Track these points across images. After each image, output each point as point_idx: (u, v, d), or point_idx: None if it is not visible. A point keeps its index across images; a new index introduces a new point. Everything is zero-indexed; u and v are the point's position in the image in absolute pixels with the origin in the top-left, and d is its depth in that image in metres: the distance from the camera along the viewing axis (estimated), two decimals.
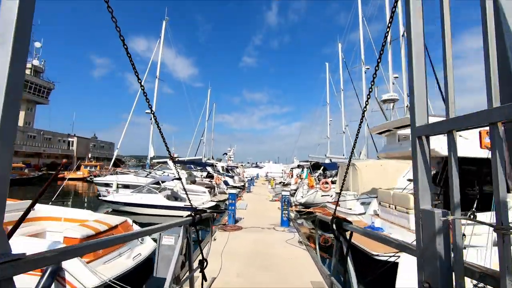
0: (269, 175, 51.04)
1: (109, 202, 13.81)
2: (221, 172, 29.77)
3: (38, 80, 49.75)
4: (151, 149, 23.32)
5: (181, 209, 13.16)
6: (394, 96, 8.46)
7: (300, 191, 18.74)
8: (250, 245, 7.08)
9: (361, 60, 29.48)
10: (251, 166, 68.65)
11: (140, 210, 13.30)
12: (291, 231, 8.75)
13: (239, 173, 41.24)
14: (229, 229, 8.56)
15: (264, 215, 11.90)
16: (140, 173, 18.52)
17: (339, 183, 14.30)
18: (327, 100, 41.15)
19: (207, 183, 19.31)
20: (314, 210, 13.72)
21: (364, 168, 12.19)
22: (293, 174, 34.17)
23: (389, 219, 8.73)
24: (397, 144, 8.77)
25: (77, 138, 53.69)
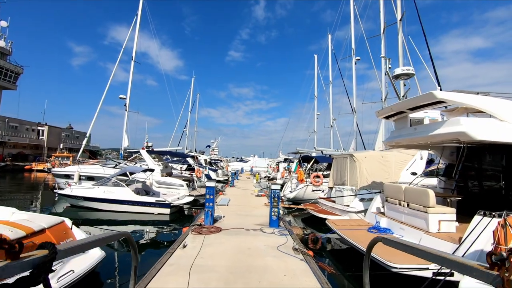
0: (254, 170, 49.48)
1: (65, 196, 11.67)
2: (203, 165, 27.82)
3: (5, 63, 45.46)
4: (125, 138, 21.06)
5: (152, 205, 11.27)
6: (410, 70, 6.93)
7: (288, 185, 17.21)
8: (231, 254, 5.37)
9: (352, 49, 28.29)
10: (236, 160, 66.84)
11: (103, 206, 11.28)
12: (282, 234, 7.11)
13: (222, 166, 39.41)
14: (205, 232, 6.81)
15: (249, 213, 10.22)
16: (107, 164, 16.35)
17: (333, 177, 12.83)
18: (315, 93, 39.96)
19: (185, 176, 17.40)
20: (305, 206, 12.19)
21: (363, 160, 10.74)
22: (279, 168, 32.79)
23: (399, 219, 7.28)
24: (410, 129, 7.28)
25: (48, 127, 49.73)
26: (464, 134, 5.53)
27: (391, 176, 10.66)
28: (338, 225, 7.99)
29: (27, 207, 13.66)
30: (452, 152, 8.53)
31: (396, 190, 7.54)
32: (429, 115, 7.52)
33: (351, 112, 27.41)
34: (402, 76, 7.17)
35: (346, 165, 11.53)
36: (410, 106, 6.84)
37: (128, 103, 21.41)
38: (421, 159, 10.89)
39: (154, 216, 11.23)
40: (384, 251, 5.82)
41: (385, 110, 7.91)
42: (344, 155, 11.92)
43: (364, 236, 6.97)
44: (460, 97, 5.75)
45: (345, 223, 8.35)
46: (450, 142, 7.89)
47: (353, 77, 27.50)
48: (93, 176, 14.38)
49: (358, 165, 10.74)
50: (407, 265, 5.08)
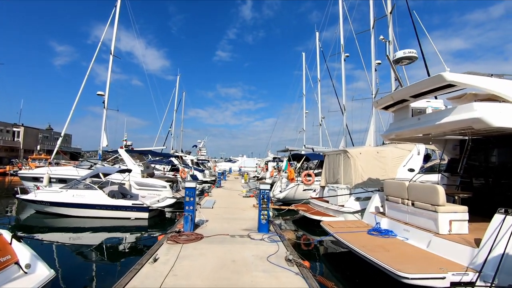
0: (242, 170, 48.55)
1: (28, 201, 10.39)
2: (189, 165, 26.66)
3: None
4: (104, 138, 19.66)
5: (129, 209, 10.17)
6: (413, 53, 6.21)
7: (278, 185, 16.39)
8: (212, 269, 4.43)
9: (341, 45, 27.79)
10: (225, 160, 65.79)
11: (72, 211, 10.07)
12: (272, 240, 6.23)
13: (210, 167, 38.27)
14: (183, 240, 5.84)
15: (236, 216, 9.30)
16: (82, 165, 15.04)
17: (325, 175, 12.07)
18: (303, 91, 39.45)
19: (168, 177, 16.26)
20: (296, 207, 11.37)
21: (358, 156, 10.01)
22: (268, 168, 31.99)
23: (402, 219, 6.53)
24: (413, 119, 6.55)
25: (24, 128, 47.14)
26: (479, 121, 4.80)
27: (388, 173, 9.99)
28: (335, 228, 7.19)
29: None
30: (455, 145, 7.89)
31: (398, 187, 6.80)
32: (432, 104, 6.80)
33: (340, 110, 26.97)
34: (404, 60, 6.45)
35: (339, 162, 10.78)
36: (414, 93, 6.08)
37: (106, 100, 20.02)
38: (418, 154, 10.27)
39: (131, 222, 10.13)
40: (391, 256, 5.05)
41: (384, 99, 7.16)
42: (337, 152, 11.18)
43: (364, 240, 6.20)
44: (474, 79, 5.02)
45: (342, 225, 7.56)
46: (455, 134, 7.24)
47: (342, 75, 26.94)
48: (65, 179, 13.09)
49: (353, 161, 10.00)
50: (421, 274, 4.30)
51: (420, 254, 5.22)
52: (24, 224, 10.27)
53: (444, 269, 4.37)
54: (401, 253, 5.29)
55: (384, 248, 5.52)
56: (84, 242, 8.26)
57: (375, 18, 21.93)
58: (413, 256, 5.08)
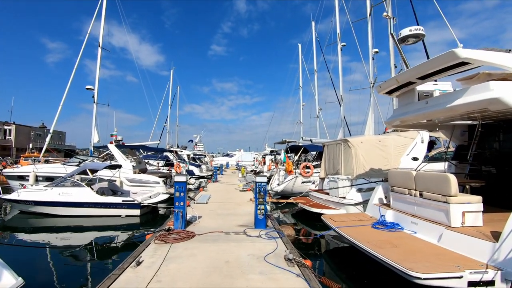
0: (240, 164, 48.07)
1: (11, 201, 9.81)
2: (185, 160, 26.08)
3: None
4: (95, 133, 19.03)
5: (119, 206, 9.64)
6: (420, 30, 5.66)
7: (275, 178, 15.93)
8: (203, 273, 3.94)
9: (337, 34, 27.12)
10: (222, 155, 65.30)
11: (58, 210, 9.52)
12: (270, 237, 5.75)
13: (207, 162, 37.71)
14: (172, 239, 5.33)
15: (232, 211, 8.81)
16: (70, 162, 14.42)
17: (325, 166, 11.59)
18: (300, 83, 38.78)
19: (162, 172, 15.73)
20: (295, 200, 10.91)
21: (359, 145, 9.52)
22: (266, 161, 31.53)
23: (409, 211, 6.08)
24: (420, 103, 6.05)
25: (15, 126, 46.11)
26: (497, 101, 4.31)
27: (391, 162, 9.52)
28: (337, 221, 6.73)
29: None
30: (463, 131, 7.41)
31: (404, 177, 6.32)
32: (440, 87, 6.30)
33: (337, 101, 26.44)
34: (410, 38, 5.91)
35: (339, 153, 10.30)
36: (422, 74, 5.54)
37: (96, 94, 19.34)
38: (422, 142, 9.81)
39: (122, 219, 9.61)
40: (400, 252, 4.59)
41: (388, 82, 6.63)
42: (337, 142, 10.69)
43: (369, 234, 5.74)
44: (492, 56, 4.49)
45: (344, 218, 7.10)
46: (464, 119, 6.76)
47: (339, 65, 26.37)
48: (52, 177, 12.49)
49: (354, 151, 9.52)
50: (436, 274, 3.84)
51: (431, 249, 4.77)
52: (7, 225, 9.69)
53: (461, 267, 3.92)
54: (410, 248, 4.84)
55: (392, 244, 5.06)
56: (70, 243, 7.74)
57: (371, 5, 21.26)
58: (423, 252, 4.62)
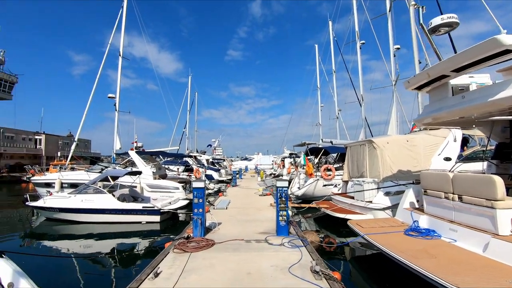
0: (258, 167, 47.83)
1: (37, 208, 10.09)
2: (204, 165, 26.20)
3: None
4: (117, 141, 19.52)
5: (139, 213, 9.64)
6: (453, 18, 5.16)
7: (295, 181, 15.50)
8: (223, 285, 3.68)
9: (355, 32, 26.37)
10: (241, 159, 65.41)
11: (82, 217, 9.66)
12: (294, 245, 5.40)
13: (225, 166, 37.76)
14: (191, 248, 5.12)
15: (252, 217, 8.52)
16: (93, 169, 14.77)
17: (348, 169, 11.06)
18: (317, 84, 38.11)
19: (182, 178, 15.75)
20: (317, 204, 10.46)
21: (385, 146, 8.97)
22: (285, 164, 31.06)
23: (447, 217, 5.53)
24: (455, 98, 5.51)
25: (45, 135, 48.57)
26: None
27: (420, 163, 8.88)
28: (365, 228, 6.26)
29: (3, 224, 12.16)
30: (504, 127, 6.72)
31: (439, 179, 5.78)
32: (476, 80, 5.72)
33: (357, 101, 25.63)
34: (442, 27, 5.40)
35: (363, 154, 9.77)
36: (458, 66, 5.02)
37: (117, 102, 19.87)
38: (455, 141, 9.09)
39: (143, 226, 9.60)
40: (441, 264, 4.11)
41: (417, 77, 6.13)
42: (360, 143, 10.16)
43: (402, 242, 5.25)
44: None
45: (373, 224, 6.61)
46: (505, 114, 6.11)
47: (358, 64, 25.60)
48: (76, 184, 12.81)
49: (379, 152, 8.97)
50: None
51: (476, 260, 4.24)
52: (34, 232, 9.98)
53: None
54: (451, 259, 4.33)
55: (429, 253, 4.57)
56: (91, 250, 7.76)
57: (391, 0, 20.47)
58: (468, 264, 4.11)
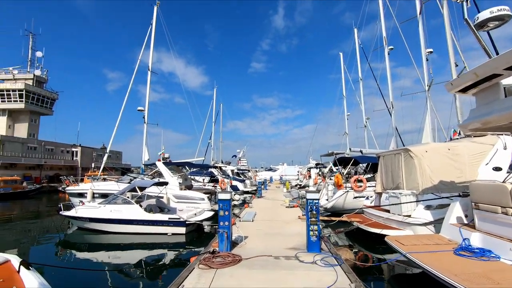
0: (284, 178, 47.16)
1: (70, 218, 10.40)
2: (230, 176, 26.18)
3: (41, 90, 48.13)
4: (145, 152, 20.06)
5: (165, 224, 9.59)
6: (505, 10, 4.60)
7: (323, 193, 14.83)
8: None
9: (383, 38, 25.50)
10: (265, 170, 65.05)
11: (111, 227, 9.80)
12: (327, 264, 4.94)
13: (250, 176, 37.58)
14: (217, 263, 4.85)
15: (280, 231, 8.12)
16: (123, 179, 15.16)
17: (381, 180, 10.34)
18: (343, 93, 37.20)
19: (207, 188, 15.71)
20: (348, 218, 9.81)
21: (424, 155, 8.25)
22: (311, 174, 30.27)
23: (506, 235, 4.82)
24: (509, 101, 4.87)
25: (81, 148, 51.51)
26: None
27: (465, 173, 8.03)
28: (406, 245, 5.64)
29: (38, 232, 12.72)
30: None
31: (494, 191, 5.10)
32: None
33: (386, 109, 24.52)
34: (492, 21, 4.85)
35: (399, 164, 9.07)
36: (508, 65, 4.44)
37: (146, 115, 20.54)
38: (505, 148, 8.16)
39: (169, 237, 9.52)
40: None
41: (463, 78, 5.54)
42: (395, 152, 9.47)
43: (453, 263, 4.61)
44: None
45: (414, 241, 5.97)
46: None
47: (387, 70, 24.58)
48: (107, 194, 13.16)
49: (417, 162, 8.25)
50: None
51: None
52: (67, 240, 10.27)
53: None
54: None
55: (490, 279, 3.92)
56: (118, 262, 7.76)
57: (422, 2, 19.58)
58: None
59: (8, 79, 45.48)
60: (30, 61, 49.16)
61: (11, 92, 43.31)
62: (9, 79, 45.48)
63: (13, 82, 44.64)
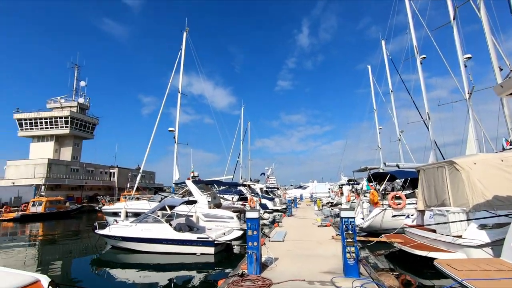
0: (314, 196, 45.67)
1: (104, 236, 10.66)
2: (259, 194, 25.82)
3: (84, 116, 52.24)
4: (176, 171, 20.52)
5: (194, 243, 9.44)
6: None
7: (358, 211, 13.92)
8: None
9: (414, 47, 24.50)
10: (295, 187, 63.73)
11: (142, 246, 9.86)
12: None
13: (280, 194, 36.83)
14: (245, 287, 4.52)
15: (313, 252, 7.59)
16: (154, 198, 15.47)
17: (423, 196, 9.46)
18: (374, 106, 35.90)
19: (236, 207, 15.49)
20: (388, 238, 8.97)
21: (472, 167, 7.41)
22: (343, 191, 28.94)
23: None
24: None
25: (118, 169, 54.41)
26: None
27: None
28: (461, 271, 4.90)
29: (76, 251, 13.20)
30: None
31: None
32: None
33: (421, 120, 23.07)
34: None
35: (443, 178, 8.23)
36: None
37: (177, 135, 21.20)
38: None
39: (198, 258, 9.33)
40: None
41: None
42: (438, 165, 8.66)
43: None
44: None
45: (471, 266, 5.18)
46: None
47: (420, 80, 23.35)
48: (139, 212, 13.45)
49: (465, 175, 7.41)
50: None
51: None
52: (101, 259, 10.48)
53: None
54: None
55: None
56: (148, 281, 7.68)
57: (455, 6, 18.65)
58: None
59: (56, 107, 50.08)
60: (75, 90, 53.96)
61: (58, 119, 47.45)
62: (57, 107, 50.07)
63: (60, 110, 49.03)
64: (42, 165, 40.95)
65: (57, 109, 49.70)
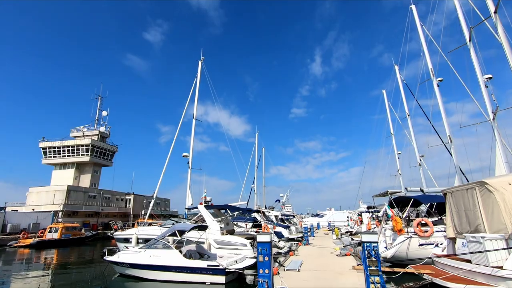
0: (331, 224, 43.66)
1: (112, 263, 10.28)
2: (273, 221, 24.90)
3: (104, 144, 54.03)
4: (189, 197, 20.29)
5: (204, 271, 8.90)
6: None
7: (381, 239, 12.92)
8: None
9: (430, 70, 24.17)
10: (311, 215, 61.49)
11: (150, 274, 9.39)
12: None
13: (296, 222, 35.46)
14: None
15: (332, 283, 6.88)
16: (166, 224, 15.12)
17: (452, 222, 8.63)
18: (391, 131, 35.11)
19: (249, 234, 14.82)
20: (416, 269, 8.09)
21: (507, 188, 6.73)
22: (363, 219, 27.48)
23: None
24: None
25: (134, 196, 54.79)
26: None
27: None
28: None
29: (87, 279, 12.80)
30: None
31: None
32: None
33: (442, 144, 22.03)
34: None
35: (474, 201, 7.51)
36: None
37: (190, 160, 21.25)
38: None
39: (207, 287, 8.74)
40: None
41: None
42: (467, 186, 7.96)
43: None
44: None
45: None
46: None
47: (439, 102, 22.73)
48: (150, 238, 13.08)
49: (500, 197, 6.71)
50: None
51: None
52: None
53: None
54: None
55: None
56: None
57: (470, 28, 18.45)
58: None
59: (79, 136, 52.28)
60: (97, 120, 56.44)
61: (80, 147, 49.26)
62: (79, 136, 52.27)
63: (82, 138, 51.08)
64: (62, 191, 41.93)
65: (79, 137, 51.84)
